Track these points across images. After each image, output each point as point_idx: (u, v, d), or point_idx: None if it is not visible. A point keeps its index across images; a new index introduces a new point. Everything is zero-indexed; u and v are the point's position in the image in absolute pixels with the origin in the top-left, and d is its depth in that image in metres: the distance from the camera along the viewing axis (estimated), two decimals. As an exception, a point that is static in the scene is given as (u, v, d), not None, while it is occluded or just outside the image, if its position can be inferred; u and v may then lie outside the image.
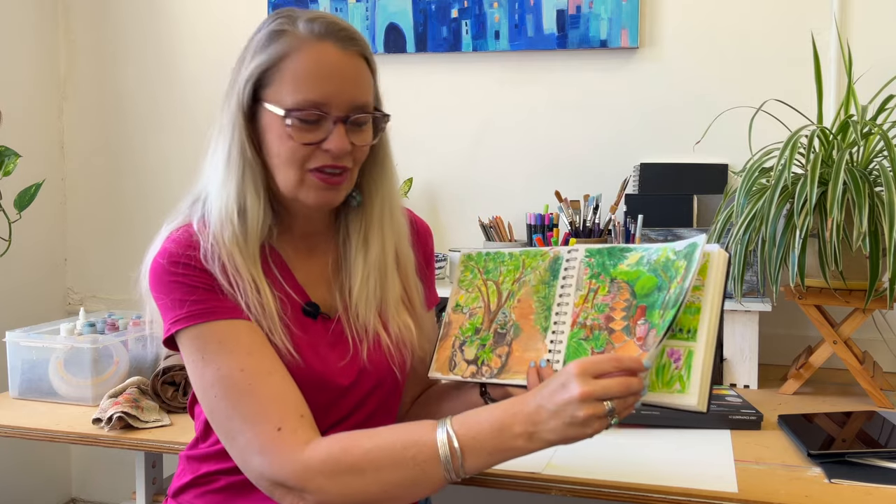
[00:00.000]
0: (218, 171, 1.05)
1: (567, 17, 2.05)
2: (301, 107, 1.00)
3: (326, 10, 2.20)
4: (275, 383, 0.99)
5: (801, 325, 1.88)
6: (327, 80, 1.01)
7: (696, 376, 0.92)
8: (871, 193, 1.45)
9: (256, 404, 0.97)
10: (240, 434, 0.97)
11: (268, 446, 0.95)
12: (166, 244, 1.04)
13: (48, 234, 2.47)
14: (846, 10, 1.90)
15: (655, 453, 1.32)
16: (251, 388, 0.97)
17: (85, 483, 2.60)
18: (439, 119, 2.20)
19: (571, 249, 1.09)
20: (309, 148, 1.02)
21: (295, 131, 1.01)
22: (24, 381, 1.67)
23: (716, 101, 1.92)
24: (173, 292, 1.01)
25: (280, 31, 1.02)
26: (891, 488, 1.15)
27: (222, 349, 0.99)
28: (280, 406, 0.97)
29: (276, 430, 0.95)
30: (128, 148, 2.45)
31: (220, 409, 0.99)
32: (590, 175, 2.07)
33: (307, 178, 1.03)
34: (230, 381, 0.98)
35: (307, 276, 1.11)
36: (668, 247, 1.00)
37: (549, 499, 1.29)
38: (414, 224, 1.22)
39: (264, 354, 1.00)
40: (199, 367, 1.00)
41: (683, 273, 0.95)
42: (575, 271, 1.07)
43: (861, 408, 1.52)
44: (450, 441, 0.91)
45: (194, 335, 1.00)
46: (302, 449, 0.95)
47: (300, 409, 0.99)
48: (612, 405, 0.89)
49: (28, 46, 2.40)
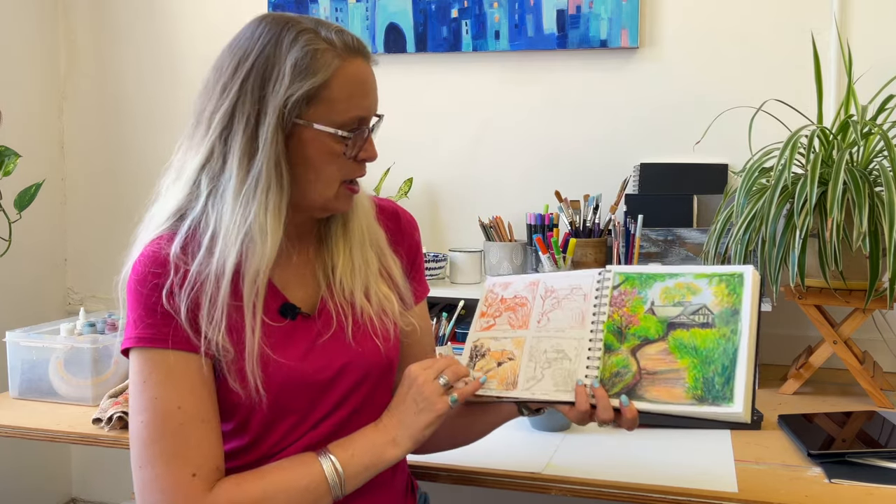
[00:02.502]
0: (240, 192, 1.01)
1: (567, 17, 2.05)
2: (353, 125, 1.04)
3: (327, 11, 2.20)
4: (204, 431, 1.00)
5: (801, 325, 1.88)
6: (367, 96, 1.06)
7: (741, 389, 0.97)
8: (871, 193, 1.45)
9: (181, 445, 0.98)
10: (152, 467, 0.98)
11: (177, 488, 0.97)
12: (140, 258, 1.02)
13: (48, 234, 2.47)
14: (846, 10, 1.90)
15: (655, 453, 1.32)
16: (181, 428, 0.98)
17: (85, 483, 2.60)
18: (439, 119, 2.20)
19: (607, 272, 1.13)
20: (352, 161, 1.06)
21: (349, 148, 1.04)
22: (24, 381, 1.67)
23: (716, 101, 1.92)
24: (136, 309, 1.01)
25: (320, 50, 1.01)
26: (891, 488, 1.15)
27: (166, 381, 0.99)
28: (201, 453, 0.99)
29: (191, 476, 0.97)
30: (128, 148, 2.45)
31: (143, 437, 0.99)
32: (590, 175, 2.07)
33: (341, 189, 1.07)
34: (163, 415, 0.98)
35: (287, 276, 1.11)
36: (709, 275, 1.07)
37: (549, 499, 1.30)
38: (398, 216, 1.23)
39: (204, 398, 1.01)
40: (139, 390, 1.00)
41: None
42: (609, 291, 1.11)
43: (861, 408, 1.52)
44: (334, 467, 1.02)
45: (144, 358, 1.00)
46: (207, 496, 0.98)
47: (218, 460, 1.01)
48: (445, 378, 1.05)
49: (28, 46, 2.40)
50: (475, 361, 1.15)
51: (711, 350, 1.00)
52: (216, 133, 1.02)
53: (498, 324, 1.17)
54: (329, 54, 1.01)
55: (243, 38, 1.04)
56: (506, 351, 1.13)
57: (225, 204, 1.01)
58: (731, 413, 0.97)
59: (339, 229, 1.14)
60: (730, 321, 1.01)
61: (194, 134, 1.06)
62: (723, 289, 1.03)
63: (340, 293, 1.11)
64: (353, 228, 1.14)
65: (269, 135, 1.00)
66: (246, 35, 1.04)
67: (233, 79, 1.02)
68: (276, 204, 1.02)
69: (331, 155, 1.04)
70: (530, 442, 1.37)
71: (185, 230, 1.03)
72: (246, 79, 1.01)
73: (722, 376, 0.98)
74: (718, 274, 1.04)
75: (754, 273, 1.03)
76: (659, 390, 1.01)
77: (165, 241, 1.03)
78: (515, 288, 1.18)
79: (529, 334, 1.13)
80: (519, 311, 1.16)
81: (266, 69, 1.01)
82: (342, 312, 1.11)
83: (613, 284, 1.10)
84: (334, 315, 1.10)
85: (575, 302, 1.12)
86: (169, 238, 1.03)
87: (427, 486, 1.32)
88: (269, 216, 1.01)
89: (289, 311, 1.08)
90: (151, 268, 1.01)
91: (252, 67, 1.02)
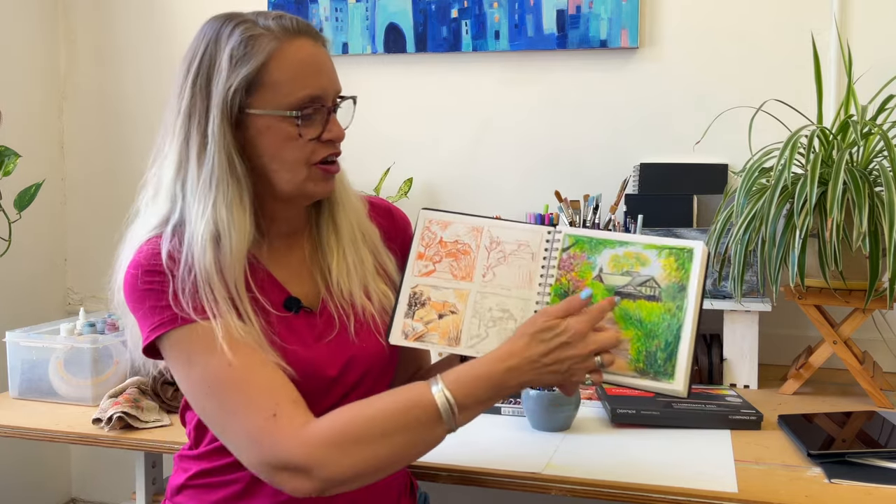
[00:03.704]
0: (196, 190, 1.03)
1: (567, 17, 2.05)
2: (305, 104, 1.03)
3: (327, 11, 2.20)
4: (265, 374, 0.99)
5: (801, 325, 1.88)
6: (318, 74, 1.04)
7: (682, 366, 1.00)
8: (871, 193, 1.45)
9: (247, 396, 0.97)
10: (233, 427, 0.97)
11: (264, 433, 0.95)
12: (136, 256, 1.03)
13: (48, 234, 2.47)
14: (846, 10, 1.90)
15: (655, 453, 1.32)
16: (241, 381, 0.97)
17: (85, 483, 2.60)
18: (439, 119, 2.19)
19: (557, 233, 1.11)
20: (313, 143, 1.04)
21: (304, 129, 1.03)
22: (24, 381, 1.67)
23: (716, 101, 1.92)
24: (148, 300, 1.01)
25: (255, 36, 1.02)
26: (891, 488, 1.15)
27: (206, 349, 0.99)
28: (272, 395, 0.97)
29: (272, 416, 0.95)
30: (128, 148, 2.45)
31: (211, 407, 0.99)
32: (590, 175, 2.07)
33: (312, 172, 1.05)
34: (219, 378, 0.97)
35: (287, 274, 1.12)
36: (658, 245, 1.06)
37: (549, 499, 1.30)
38: (391, 213, 1.24)
39: (250, 348, 1.00)
40: (186, 369, 1.00)
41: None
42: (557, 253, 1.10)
43: (861, 408, 1.52)
44: (446, 397, 0.96)
45: (176, 339, 1.00)
46: (302, 428, 0.95)
47: (292, 395, 0.99)
48: (601, 360, 0.99)
49: (28, 46, 2.40)
50: (414, 310, 1.10)
51: (656, 324, 1.02)
52: (179, 139, 1.04)
53: (438, 270, 1.12)
54: (265, 38, 1.02)
55: (193, 41, 1.07)
56: (447, 303, 1.10)
57: (188, 205, 1.03)
58: (670, 389, 1.00)
59: (329, 229, 1.14)
60: (676, 297, 1.02)
61: (163, 144, 1.08)
62: (671, 262, 1.04)
63: (339, 294, 1.11)
64: (343, 228, 1.14)
65: (216, 129, 1.02)
66: (195, 38, 1.07)
67: (185, 82, 1.04)
68: (234, 197, 1.02)
69: (287, 140, 1.03)
70: (530, 442, 1.37)
71: (170, 234, 1.04)
72: (195, 80, 1.04)
73: (665, 352, 1.01)
74: (669, 247, 1.05)
75: (704, 249, 1.04)
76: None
77: (157, 242, 1.05)
78: (456, 231, 1.14)
79: (474, 288, 1.10)
80: (462, 260, 1.12)
81: (210, 66, 1.03)
82: (344, 313, 1.11)
83: (563, 246, 1.10)
84: (336, 316, 1.10)
85: (523, 259, 1.10)
86: (158, 236, 1.05)
87: (427, 486, 1.32)
88: (230, 210, 1.02)
89: (293, 305, 1.09)
90: (154, 258, 1.02)
91: (199, 67, 1.04)
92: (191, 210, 1.03)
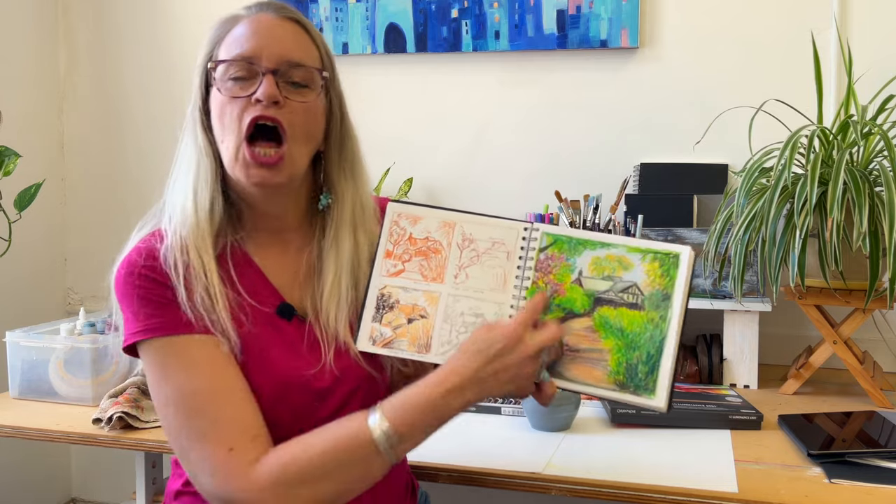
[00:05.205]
0: (178, 169, 1.09)
1: (567, 17, 2.05)
2: (229, 60, 1.03)
3: (327, 11, 2.20)
4: (232, 403, 0.98)
5: (801, 325, 1.88)
6: (256, 36, 1.03)
7: (664, 381, 0.96)
8: (871, 193, 1.45)
9: (211, 424, 0.97)
10: (192, 452, 0.98)
11: (219, 466, 0.95)
12: (130, 253, 1.04)
13: (48, 234, 2.47)
14: (846, 10, 1.90)
15: (655, 453, 1.32)
16: (207, 407, 0.97)
17: (85, 483, 2.60)
18: (439, 119, 2.19)
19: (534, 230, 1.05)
20: (240, 102, 1.02)
21: (225, 84, 1.03)
22: (24, 381, 1.67)
23: (716, 101, 1.92)
24: (133, 303, 1.01)
25: (228, 19, 1.07)
26: (891, 488, 1.15)
27: (182, 366, 0.99)
28: (234, 426, 0.97)
29: (229, 451, 0.95)
30: (128, 148, 2.45)
31: (176, 426, 0.99)
32: (590, 175, 2.07)
33: (241, 153, 1.02)
34: (188, 399, 0.98)
35: (281, 277, 1.10)
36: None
37: (549, 499, 1.30)
38: None
39: (225, 372, 1.00)
40: (160, 382, 1.00)
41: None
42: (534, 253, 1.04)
43: (861, 408, 1.52)
44: (382, 430, 0.94)
45: (155, 348, 1.00)
46: (251, 467, 0.95)
47: (254, 429, 0.98)
48: (546, 358, 0.97)
49: (28, 46, 2.40)
50: (382, 314, 1.05)
51: (638, 335, 0.97)
52: (187, 129, 1.10)
53: (408, 269, 1.06)
54: (228, 20, 1.07)
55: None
56: (417, 306, 1.04)
57: (175, 183, 1.09)
58: (650, 405, 0.96)
59: (331, 246, 1.10)
60: (660, 306, 0.97)
61: (183, 138, 1.11)
62: (655, 268, 0.99)
63: (325, 323, 1.07)
64: (345, 250, 1.09)
65: (191, 111, 1.08)
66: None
67: (193, 78, 1.09)
68: (205, 174, 1.05)
69: (221, 104, 1.03)
70: (530, 442, 1.37)
71: (166, 215, 1.08)
72: (196, 73, 1.09)
73: (646, 365, 0.96)
74: (653, 251, 0.99)
75: (691, 254, 0.98)
76: (580, 369, 0.99)
77: (154, 231, 1.07)
78: (427, 226, 1.07)
79: (445, 290, 1.04)
80: (433, 260, 1.05)
81: (202, 57, 1.08)
82: (326, 343, 1.07)
83: (540, 246, 1.03)
84: (321, 343, 1.07)
85: (497, 259, 1.03)
86: (157, 229, 1.07)
87: (427, 486, 1.32)
88: (200, 186, 1.05)
89: (286, 312, 1.08)
90: (144, 260, 1.03)
91: (198, 61, 1.09)
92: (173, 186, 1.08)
